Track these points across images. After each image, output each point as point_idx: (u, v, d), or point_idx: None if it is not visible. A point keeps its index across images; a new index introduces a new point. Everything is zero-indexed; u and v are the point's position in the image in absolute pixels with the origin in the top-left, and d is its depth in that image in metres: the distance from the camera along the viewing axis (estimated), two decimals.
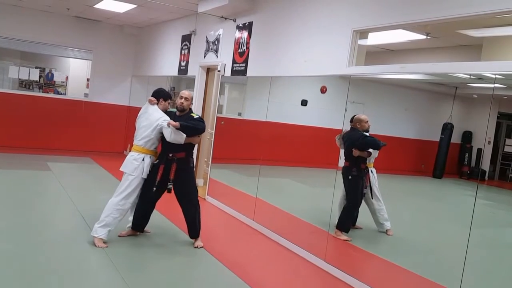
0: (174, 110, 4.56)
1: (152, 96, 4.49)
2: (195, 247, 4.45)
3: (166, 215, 5.36)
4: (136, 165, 4.27)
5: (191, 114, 4.46)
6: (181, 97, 4.43)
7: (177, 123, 4.18)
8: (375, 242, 5.07)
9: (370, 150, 4.83)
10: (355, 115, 4.86)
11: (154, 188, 4.34)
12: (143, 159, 4.30)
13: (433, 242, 5.24)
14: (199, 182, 7.67)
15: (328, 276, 4.23)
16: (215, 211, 6.29)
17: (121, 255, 4.03)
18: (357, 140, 4.77)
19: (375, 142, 4.77)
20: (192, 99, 4.51)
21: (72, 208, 5.36)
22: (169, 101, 4.54)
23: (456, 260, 3.42)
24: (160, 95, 4.48)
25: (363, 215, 4.96)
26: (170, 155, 4.34)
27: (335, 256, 4.46)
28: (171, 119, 4.37)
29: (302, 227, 5.34)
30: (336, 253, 4.62)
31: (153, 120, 4.31)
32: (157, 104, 4.44)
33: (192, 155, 4.63)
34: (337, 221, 4.80)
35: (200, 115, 4.62)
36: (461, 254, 3.26)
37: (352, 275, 4.07)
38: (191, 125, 4.27)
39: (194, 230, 4.51)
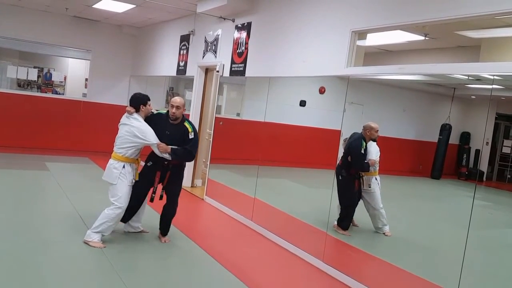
0: (161, 111, 4.43)
1: (130, 104, 4.29)
2: (162, 242, 4.51)
3: None
4: (116, 173, 4.18)
5: (185, 123, 4.33)
6: (172, 106, 4.28)
7: (168, 148, 4.17)
8: (373, 243, 5.07)
9: (373, 158, 4.86)
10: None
11: (160, 194, 4.49)
12: (124, 167, 4.21)
13: (431, 242, 5.24)
14: (198, 182, 7.67)
15: (326, 277, 4.23)
16: (213, 211, 6.29)
17: (118, 255, 4.03)
18: (355, 147, 4.78)
19: (359, 162, 4.76)
20: (184, 105, 4.34)
21: (70, 208, 5.35)
22: (149, 102, 4.33)
23: (454, 261, 3.42)
24: (139, 102, 4.28)
25: (361, 213, 4.97)
26: (166, 162, 4.34)
27: (333, 257, 4.47)
28: (160, 124, 4.29)
29: (300, 228, 5.33)
30: (334, 253, 4.62)
31: (136, 131, 4.16)
32: (139, 111, 4.27)
33: None
34: (338, 217, 4.88)
35: (195, 127, 4.45)
36: (459, 254, 3.26)
37: (350, 275, 4.08)
38: (180, 156, 4.25)
39: (167, 228, 4.59)
